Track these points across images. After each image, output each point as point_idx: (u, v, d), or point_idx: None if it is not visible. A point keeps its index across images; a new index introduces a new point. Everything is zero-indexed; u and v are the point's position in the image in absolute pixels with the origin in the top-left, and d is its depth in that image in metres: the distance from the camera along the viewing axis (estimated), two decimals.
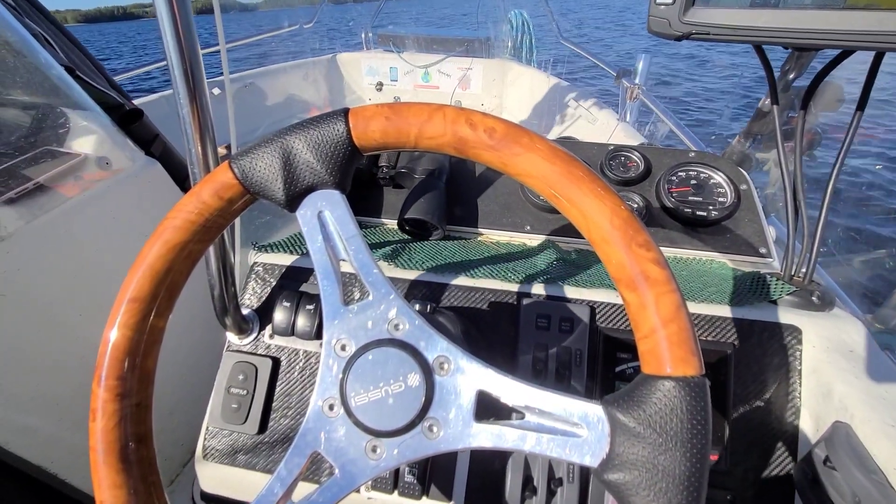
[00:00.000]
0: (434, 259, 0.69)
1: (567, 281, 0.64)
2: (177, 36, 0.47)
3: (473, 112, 0.36)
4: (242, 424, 0.64)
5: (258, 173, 0.38)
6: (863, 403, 0.49)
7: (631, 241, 0.33)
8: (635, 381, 0.33)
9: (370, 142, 0.38)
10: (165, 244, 0.39)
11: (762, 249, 0.74)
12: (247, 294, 0.69)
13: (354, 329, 0.39)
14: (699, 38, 0.48)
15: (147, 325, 0.39)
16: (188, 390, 1.18)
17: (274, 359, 0.66)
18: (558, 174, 0.34)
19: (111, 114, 1.23)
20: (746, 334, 0.58)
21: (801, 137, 0.60)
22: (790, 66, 0.79)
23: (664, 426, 0.30)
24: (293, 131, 0.38)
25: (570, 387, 0.58)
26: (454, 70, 3.11)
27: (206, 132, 0.53)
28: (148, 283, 0.39)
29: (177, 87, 0.49)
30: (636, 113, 2.04)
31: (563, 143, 0.87)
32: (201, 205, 0.39)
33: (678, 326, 0.31)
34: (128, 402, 0.38)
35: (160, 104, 2.11)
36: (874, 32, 0.41)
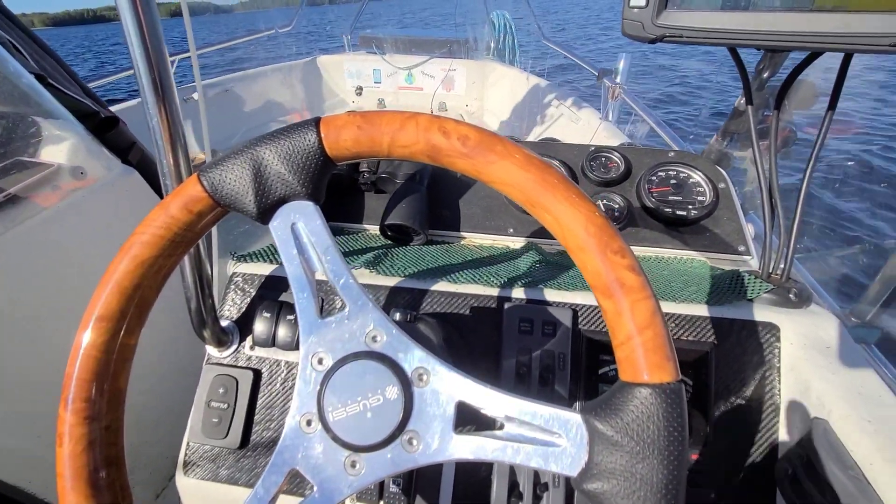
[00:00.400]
0: (416, 265, 0.69)
1: (550, 284, 0.64)
2: (143, 42, 0.46)
3: (447, 120, 0.36)
4: (224, 438, 0.62)
5: (228, 185, 0.37)
6: (840, 400, 0.50)
7: (606, 249, 0.32)
8: (613, 389, 0.33)
9: (342, 151, 0.37)
10: (133, 260, 0.38)
11: (741, 247, 0.75)
12: (226, 305, 0.68)
13: (331, 342, 0.38)
14: (672, 40, 0.48)
15: (116, 344, 0.38)
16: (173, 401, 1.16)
17: (255, 371, 0.64)
18: (533, 182, 0.34)
19: (85, 122, 1.20)
20: (726, 333, 0.58)
21: (776, 137, 0.60)
22: (764, 65, 0.80)
23: (641, 434, 0.30)
24: (263, 142, 0.37)
25: (553, 391, 0.57)
26: (437, 71, 3.11)
27: (178, 141, 0.52)
28: (116, 301, 0.37)
29: (145, 96, 0.48)
30: (618, 112, 2.06)
31: (544, 144, 0.87)
32: (170, 219, 0.38)
33: (653, 333, 0.31)
34: (97, 425, 0.37)
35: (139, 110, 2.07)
36: (842, 34, 0.41)
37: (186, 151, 0.53)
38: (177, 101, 0.50)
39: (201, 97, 0.66)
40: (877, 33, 0.40)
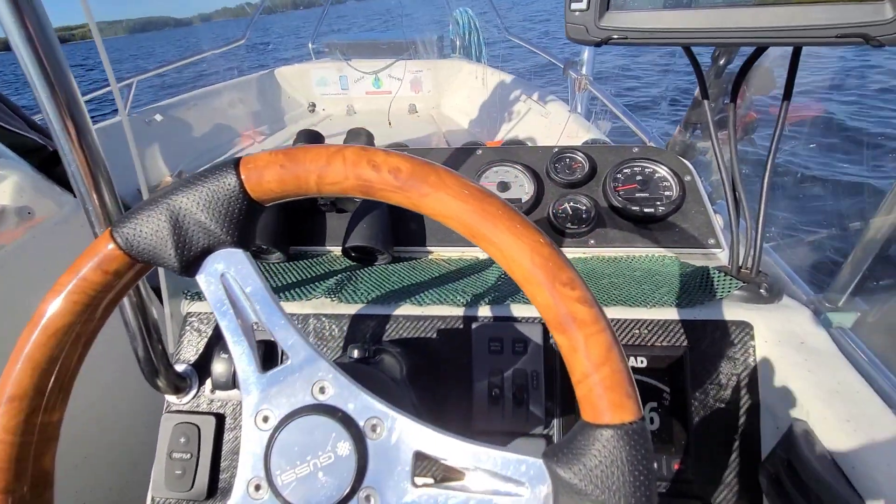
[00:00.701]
0: (381, 288, 0.66)
1: (518, 298, 0.62)
2: (46, 78, 0.42)
3: (376, 151, 0.33)
4: (189, 491, 0.59)
5: (145, 240, 0.34)
6: (818, 400, 0.49)
7: (554, 281, 0.30)
8: (574, 430, 0.31)
9: (267, 192, 0.34)
10: (45, 331, 0.34)
11: (710, 240, 0.73)
12: (182, 348, 0.64)
13: (275, 397, 0.35)
14: (618, 42, 0.46)
15: (36, 425, 0.35)
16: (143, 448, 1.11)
17: (217, 415, 0.61)
18: (471, 212, 0.31)
19: (31, 158, 1.14)
20: (700, 335, 0.57)
21: (734, 129, 0.59)
22: (720, 53, 0.79)
23: (606, 481, 0.28)
24: (179, 190, 0.34)
25: (528, 412, 0.55)
26: (405, 74, 3.07)
27: (101, 182, 0.48)
28: (29, 378, 0.34)
29: (58, 138, 0.44)
30: (586, 103, 2.05)
31: (507, 149, 0.84)
32: (83, 282, 0.34)
33: (611, 369, 0.29)
34: None
35: None
36: (787, 28, 0.39)
37: (114, 193, 0.50)
38: (94, 137, 0.46)
39: (127, 127, 0.62)
40: (822, 25, 0.38)
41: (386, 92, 3.14)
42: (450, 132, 2.83)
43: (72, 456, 0.94)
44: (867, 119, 3.48)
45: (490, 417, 0.56)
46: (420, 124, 2.96)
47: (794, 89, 0.53)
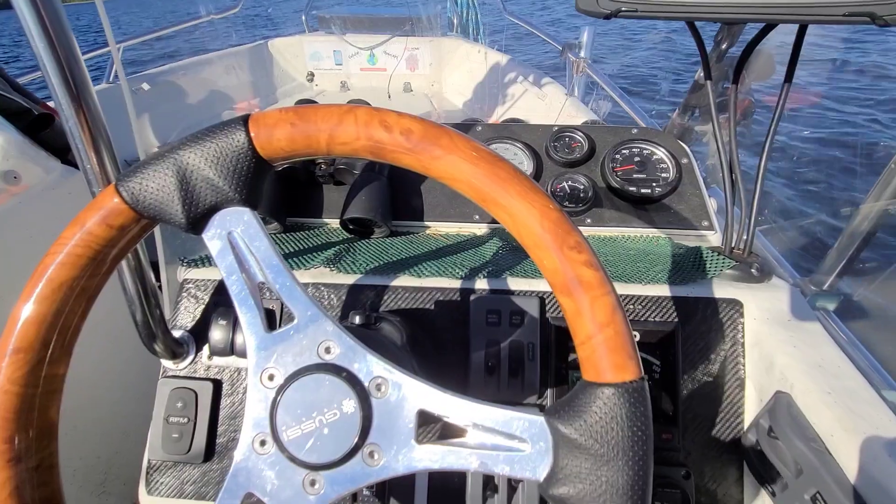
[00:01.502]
0: (379, 259, 0.66)
1: (516, 272, 0.63)
2: (46, 35, 0.41)
3: (388, 112, 0.33)
4: (186, 454, 0.59)
5: (151, 195, 0.34)
6: (802, 373, 0.51)
7: (563, 244, 0.31)
8: (575, 389, 0.32)
9: (277, 151, 0.34)
10: (50, 283, 0.34)
11: (705, 222, 0.75)
12: (179, 314, 0.64)
13: (281, 356, 0.36)
14: (627, 15, 0.46)
15: (40, 377, 0.35)
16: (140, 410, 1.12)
17: (214, 381, 0.61)
18: (482, 176, 0.32)
19: (15, 121, 1.10)
20: (692, 311, 0.58)
21: (735, 111, 0.60)
22: (722, 37, 0.79)
23: (605, 436, 0.29)
24: (187, 145, 0.34)
25: (523, 382, 0.57)
26: (400, 51, 3.01)
27: (101, 142, 0.47)
28: (34, 330, 0.34)
29: (57, 97, 0.43)
30: (584, 86, 2.04)
31: (506, 126, 0.84)
32: (88, 236, 0.34)
33: (614, 331, 0.30)
34: (24, 465, 0.34)
35: None
36: (796, 4, 0.40)
37: (113, 153, 0.49)
38: (94, 97, 0.45)
39: (126, 92, 0.61)
40: (830, 3, 0.38)
41: (381, 69, 3.08)
42: (446, 111, 2.80)
43: (64, 419, 0.94)
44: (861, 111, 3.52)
45: (486, 387, 0.57)
46: (416, 102, 2.92)
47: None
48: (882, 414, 0.47)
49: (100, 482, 1.08)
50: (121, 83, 0.76)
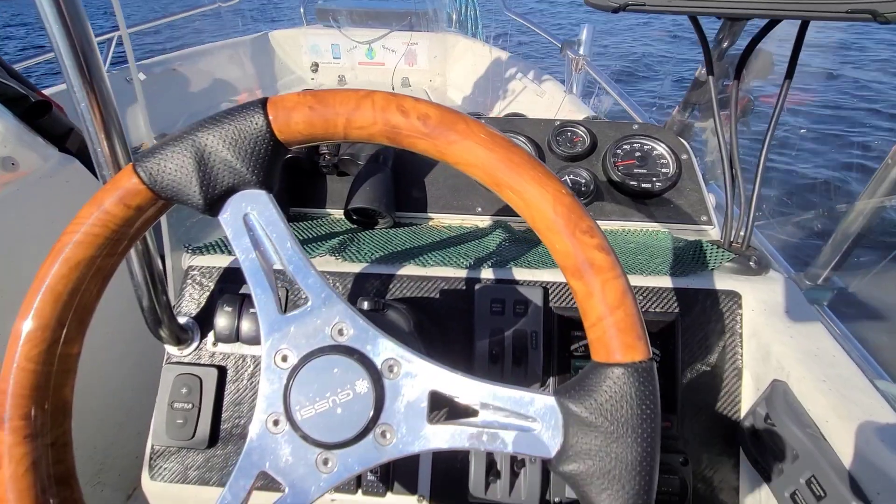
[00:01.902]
0: (384, 249, 0.67)
1: (519, 262, 0.63)
2: (61, 18, 0.41)
3: (405, 98, 0.34)
4: (191, 439, 0.60)
5: (168, 176, 0.34)
6: (797, 362, 0.52)
7: (575, 229, 0.32)
8: (586, 370, 0.32)
9: (294, 135, 0.35)
10: (66, 262, 0.34)
11: (703, 217, 0.76)
12: (184, 301, 0.64)
13: (294, 338, 0.36)
14: (635, 9, 0.47)
15: (56, 355, 0.35)
16: (138, 400, 1.12)
17: (219, 367, 0.62)
18: (497, 161, 0.32)
19: (13, 107, 1.09)
20: (691, 303, 0.60)
21: (736, 108, 0.61)
22: (724, 35, 0.81)
23: (615, 414, 0.30)
24: (205, 127, 0.34)
25: (527, 370, 0.58)
26: (399, 45, 3.00)
27: (112, 127, 0.47)
28: (50, 309, 0.34)
29: (70, 80, 0.43)
30: (582, 84, 2.05)
31: (508, 120, 0.85)
32: (105, 215, 0.34)
33: (624, 313, 0.31)
34: (40, 442, 0.34)
35: None
36: (798, 1, 0.41)
37: (124, 138, 0.49)
38: (106, 81, 0.46)
39: (136, 78, 0.61)
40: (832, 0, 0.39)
41: (379, 63, 3.07)
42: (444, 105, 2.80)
43: None
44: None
45: (490, 375, 0.58)
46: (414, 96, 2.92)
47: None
48: (874, 401, 0.48)
49: (95, 472, 1.08)
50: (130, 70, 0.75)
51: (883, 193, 0.62)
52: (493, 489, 0.55)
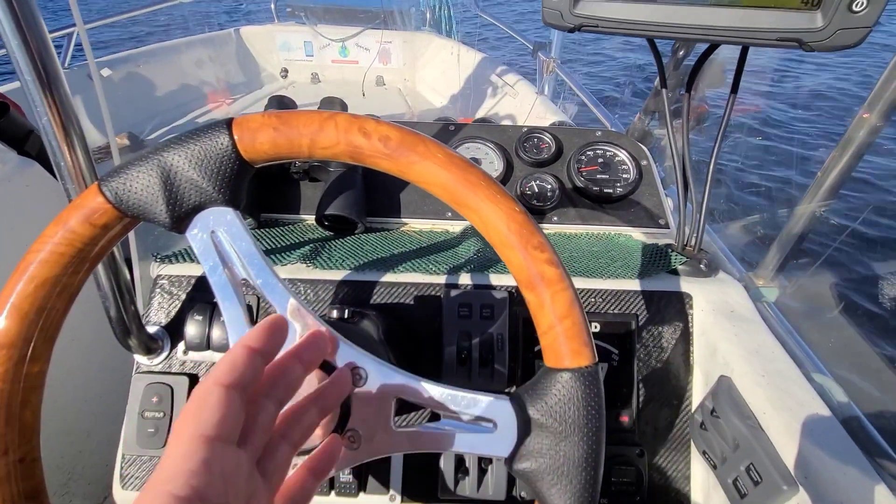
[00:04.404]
0: (355, 256, 0.68)
1: (486, 268, 0.66)
2: (13, 15, 0.40)
3: (367, 119, 0.35)
4: (162, 447, 0.60)
5: (135, 195, 0.35)
6: (741, 359, 0.56)
7: (527, 244, 0.34)
8: (538, 375, 0.35)
9: (260, 154, 0.36)
10: (32, 281, 0.35)
11: (661, 221, 0.80)
12: (152, 310, 0.64)
13: None
14: (589, 30, 0.50)
15: (21, 373, 0.35)
16: (106, 409, 1.10)
17: (191, 375, 0.62)
18: (455, 181, 0.35)
19: None
20: (648, 304, 0.63)
21: (687, 119, 0.65)
22: (679, 46, 0.85)
23: (563, 415, 0.33)
24: (171, 147, 0.35)
25: (493, 371, 0.60)
26: (372, 43, 2.99)
27: (73, 134, 0.46)
28: (15, 327, 0.34)
29: (25, 82, 0.43)
30: (553, 86, 2.10)
31: (477, 126, 0.87)
32: (70, 234, 0.35)
33: (572, 322, 0.33)
34: (7, 459, 0.34)
35: None
36: (735, 29, 0.44)
37: (87, 148, 0.49)
38: (64, 83, 0.45)
39: (96, 75, 0.60)
40: (765, 28, 0.43)
41: (352, 61, 3.05)
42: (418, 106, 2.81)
43: None
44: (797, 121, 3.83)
45: (459, 376, 0.60)
46: (389, 97, 2.92)
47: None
48: (807, 393, 0.53)
49: (63, 483, 1.06)
50: (89, 68, 0.74)
51: (820, 199, 0.68)
52: (463, 485, 0.58)
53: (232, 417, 0.27)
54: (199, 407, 0.27)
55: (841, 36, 0.41)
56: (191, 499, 0.23)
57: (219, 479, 0.25)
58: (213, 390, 0.28)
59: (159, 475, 0.24)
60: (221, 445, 0.26)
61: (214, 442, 0.26)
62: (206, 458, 0.25)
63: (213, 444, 0.26)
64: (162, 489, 0.23)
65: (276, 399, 0.32)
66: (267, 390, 0.31)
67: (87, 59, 0.62)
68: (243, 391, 0.29)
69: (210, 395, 0.27)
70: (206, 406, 0.27)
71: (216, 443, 0.26)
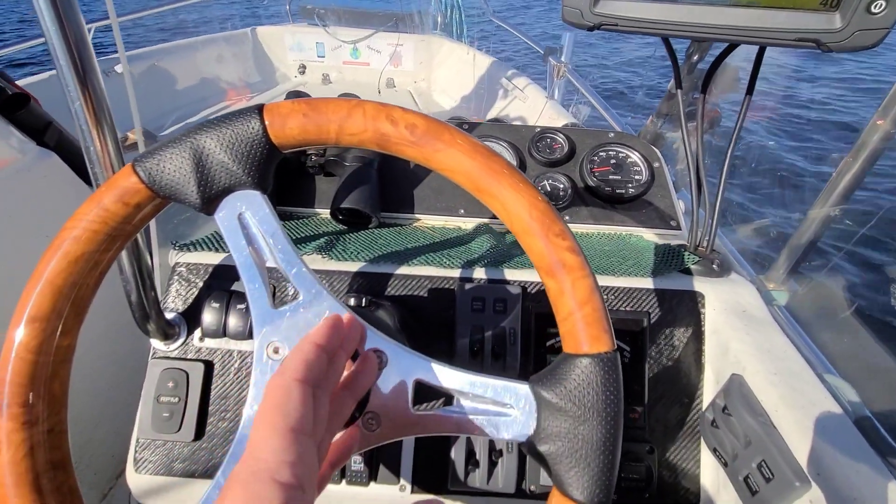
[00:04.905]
0: (370, 249, 0.69)
1: (499, 263, 0.67)
2: (54, 8, 0.41)
3: (394, 108, 0.36)
4: (177, 433, 0.61)
5: (167, 176, 0.36)
6: (752, 357, 0.57)
7: (548, 232, 0.35)
8: (557, 360, 0.36)
9: (289, 139, 0.37)
10: (66, 257, 0.36)
11: (673, 222, 0.81)
12: (170, 297, 0.65)
13: (286, 331, 0.38)
14: (608, 28, 0.51)
15: (52, 346, 0.36)
16: (115, 398, 1.11)
17: (206, 362, 0.63)
18: (479, 169, 0.35)
19: None
20: (660, 302, 0.64)
21: (702, 120, 0.65)
22: (693, 50, 0.86)
23: (582, 399, 0.33)
24: (204, 130, 0.36)
25: (505, 364, 0.61)
26: (384, 46, 3.02)
27: (103, 120, 0.48)
28: (49, 301, 0.35)
29: (62, 71, 0.44)
30: (563, 91, 2.11)
31: (490, 126, 0.88)
32: (104, 212, 0.36)
33: (592, 308, 0.34)
34: (38, 429, 0.35)
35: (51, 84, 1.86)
36: (754, 28, 0.45)
37: (115, 134, 0.50)
38: (100, 77, 0.46)
39: (126, 69, 0.61)
40: (784, 29, 0.44)
41: (364, 63, 3.08)
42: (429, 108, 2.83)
43: None
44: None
45: (470, 369, 0.61)
46: (399, 99, 2.94)
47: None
48: (819, 392, 0.53)
49: (80, 456, 1.07)
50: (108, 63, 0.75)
51: (832, 204, 0.68)
52: (473, 477, 0.58)
53: (311, 412, 0.30)
54: (284, 402, 0.29)
55: (859, 37, 0.42)
56: (294, 487, 0.26)
57: (310, 469, 0.28)
58: (293, 386, 0.30)
59: (258, 465, 0.26)
60: (306, 439, 0.29)
61: (301, 436, 0.28)
62: (300, 451, 0.27)
63: (301, 438, 0.28)
64: (267, 477, 0.25)
65: (328, 391, 0.34)
66: (322, 383, 0.33)
67: (119, 52, 0.64)
68: (315, 387, 0.31)
69: (292, 392, 0.30)
70: (290, 401, 0.29)
71: (303, 436, 0.28)
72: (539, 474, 0.59)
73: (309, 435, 0.29)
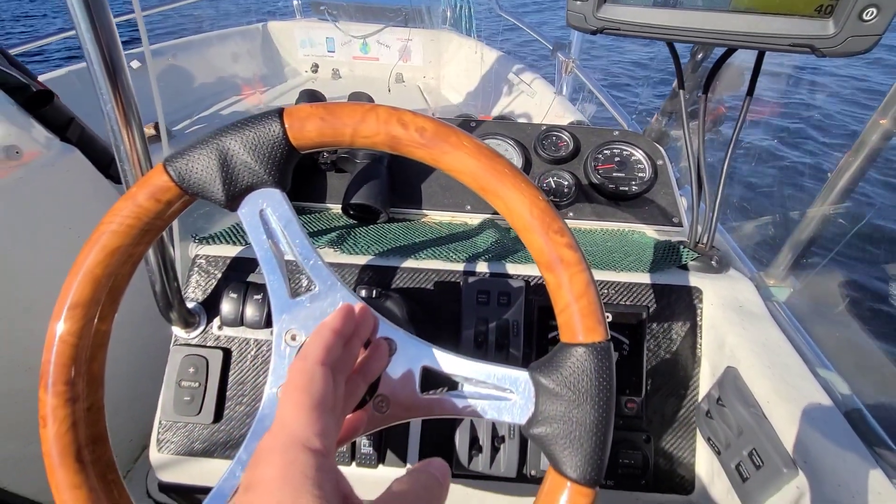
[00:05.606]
0: (379, 243, 0.72)
1: (504, 258, 0.69)
2: (86, 8, 0.44)
3: (405, 112, 0.39)
4: (197, 415, 0.65)
5: (195, 175, 0.39)
6: (747, 351, 0.59)
7: (548, 229, 0.37)
8: (555, 349, 0.38)
9: (307, 141, 0.40)
10: (104, 249, 0.39)
11: (675, 219, 0.82)
12: (190, 287, 0.69)
13: (304, 319, 0.41)
14: (611, 33, 0.53)
15: (91, 330, 0.40)
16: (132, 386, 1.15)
17: (224, 349, 0.66)
18: (483, 170, 0.38)
19: (15, 96, 1.11)
20: (659, 297, 0.66)
21: (704, 120, 0.67)
22: (698, 49, 0.87)
23: (577, 385, 0.36)
24: (229, 132, 0.39)
25: (508, 355, 0.63)
26: (394, 41, 3.03)
27: (131, 114, 0.50)
28: (89, 289, 0.39)
29: (92, 65, 0.46)
30: (571, 86, 2.11)
31: (498, 123, 0.90)
32: (138, 208, 0.39)
33: (587, 300, 0.36)
34: (78, 405, 0.39)
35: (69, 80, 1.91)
36: (751, 34, 0.47)
37: (143, 133, 0.53)
38: (126, 69, 0.49)
39: (151, 66, 0.64)
40: (779, 34, 0.45)
41: (373, 58, 3.09)
42: (437, 103, 2.84)
43: None
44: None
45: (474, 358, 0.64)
46: (409, 94, 2.95)
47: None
48: (811, 385, 0.55)
49: None
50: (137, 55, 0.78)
51: (832, 201, 0.69)
52: (476, 462, 0.61)
53: (332, 391, 0.33)
54: (308, 383, 0.32)
55: (851, 43, 0.43)
56: (322, 454, 0.29)
57: (333, 440, 0.31)
58: (316, 369, 0.33)
59: (290, 437, 0.29)
60: (328, 414, 0.32)
61: (325, 411, 0.32)
62: (324, 424, 0.31)
63: (325, 414, 0.31)
64: (301, 445, 0.29)
65: (344, 374, 0.37)
66: (339, 366, 0.36)
67: (143, 46, 0.66)
68: (334, 369, 0.34)
69: (315, 373, 0.33)
70: (314, 382, 0.32)
71: (325, 412, 0.32)
72: (539, 459, 0.62)
73: (331, 411, 0.32)
